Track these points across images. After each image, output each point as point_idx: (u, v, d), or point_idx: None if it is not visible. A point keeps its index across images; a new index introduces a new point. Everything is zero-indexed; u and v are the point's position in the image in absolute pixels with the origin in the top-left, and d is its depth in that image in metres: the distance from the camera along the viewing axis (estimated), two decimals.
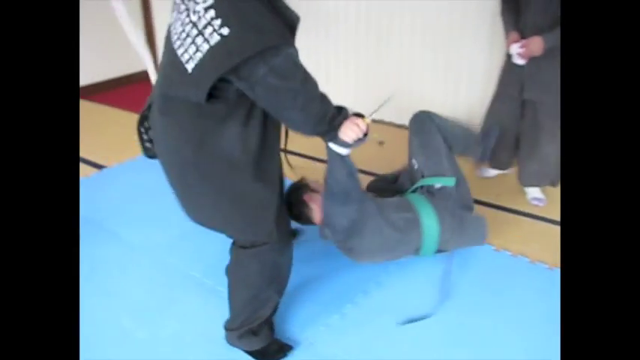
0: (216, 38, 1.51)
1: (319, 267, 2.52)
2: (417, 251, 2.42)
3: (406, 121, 2.59)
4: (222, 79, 1.56)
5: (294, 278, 2.39)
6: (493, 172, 3.41)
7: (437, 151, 2.54)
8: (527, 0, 2.79)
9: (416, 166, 2.58)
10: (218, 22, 1.51)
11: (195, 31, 1.56)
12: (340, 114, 1.83)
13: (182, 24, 1.62)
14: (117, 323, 2.18)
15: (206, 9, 1.54)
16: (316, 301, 2.31)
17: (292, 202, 2.33)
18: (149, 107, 1.89)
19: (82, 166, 3.57)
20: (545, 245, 2.68)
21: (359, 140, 1.88)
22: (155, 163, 1.93)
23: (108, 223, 2.86)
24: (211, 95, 1.59)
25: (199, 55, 1.55)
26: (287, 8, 1.65)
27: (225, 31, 1.50)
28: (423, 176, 2.55)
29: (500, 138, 3.09)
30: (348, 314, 2.23)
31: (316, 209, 2.34)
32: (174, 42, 1.65)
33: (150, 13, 5.36)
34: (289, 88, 1.60)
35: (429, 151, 2.55)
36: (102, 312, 2.24)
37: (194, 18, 1.57)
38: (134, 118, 2.00)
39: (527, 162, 3.07)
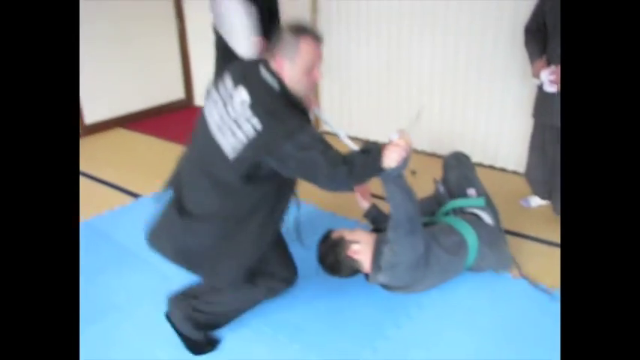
0: (251, 132, 1.94)
1: (348, 298, 2.52)
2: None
3: (436, 149, 2.65)
4: (256, 163, 1.97)
5: (323, 311, 2.41)
6: (536, 203, 3.36)
7: (471, 181, 2.73)
8: (555, 29, 2.78)
9: (441, 190, 2.76)
10: (253, 118, 1.94)
11: (234, 126, 1.98)
12: (372, 151, 2.03)
13: (221, 117, 2.03)
14: (151, 355, 2.21)
15: (243, 108, 1.97)
16: (347, 334, 2.30)
17: (335, 261, 2.39)
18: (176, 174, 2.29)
19: (119, 195, 3.65)
20: None
21: (405, 160, 2.05)
22: None
23: (144, 253, 2.91)
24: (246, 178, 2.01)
25: (238, 144, 1.96)
26: (299, 100, 2.08)
27: (257, 124, 1.94)
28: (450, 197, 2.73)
29: (543, 167, 3.09)
30: (380, 349, 2.21)
31: (364, 259, 2.38)
32: (214, 131, 2.04)
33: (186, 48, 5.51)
34: (311, 156, 1.94)
35: (466, 181, 2.73)
36: (136, 343, 2.27)
37: (233, 114, 1.99)
38: (171, 147, 2.10)
39: (559, 190, 3.04)
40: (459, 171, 2.77)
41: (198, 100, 5.72)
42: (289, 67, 2.02)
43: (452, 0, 3.78)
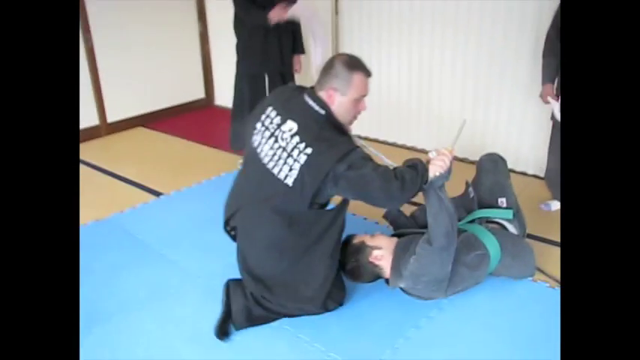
0: (303, 158, 2.07)
1: (369, 299, 2.52)
2: None
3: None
4: (317, 189, 2.09)
5: (344, 311, 2.42)
6: (556, 207, 3.34)
7: (504, 190, 2.72)
8: None
9: (472, 195, 2.71)
10: (302, 145, 2.08)
11: (285, 154, 2.12)
12: (417, 166, 2.15)
13: (272, 148, 2.17)
14: (173, 349, 2.24)
15: (292, 136, 2.12)
16: (368, 334, 2.31)
17: (357, 266, 2.43)
18: (232, 214, 2.41)
19: (141, 193, 3.70)
20: None
21: (449, 171, 2.15)
22: (210, 192, 2.00)
23: (165, 250, 2.95)
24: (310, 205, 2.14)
25: (294, 172, 2.09)
26: (341, 124, 2.22)
27: (309, 150, 2.07)
28: (479, 206, 2.69)
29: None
30: (401, 349, 2.22)
31: (386, 265, 2.41)
32: (267, 163, 2.18)
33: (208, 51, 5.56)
34: (364, 174, 2.05)
35: (498, 188, 2.71)
36: (158, 338, 2.30)
37: (282, 143, 2.13)
38: (191, 145, 2.13)
39: None
40: (494, 177, 2.72)
41: (218, 99, 5.76)
42: (339, 98, 2.18)
43: (473, 1, 3.77)
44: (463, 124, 2.11)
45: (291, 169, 2.10)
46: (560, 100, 2.91)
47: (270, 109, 2.26)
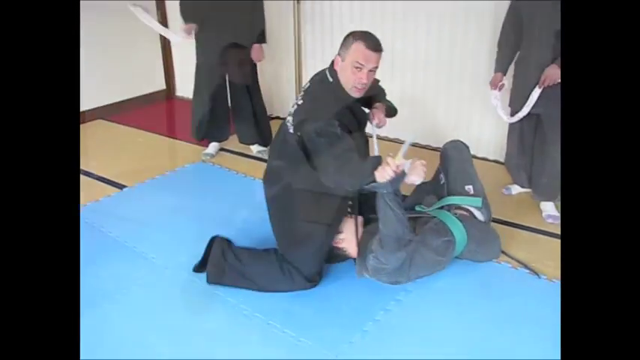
0: (296, 106, 2.41)
1: (337, 283, 2.56)
2: None
3: (419, 139, 2.71)
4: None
5: (313, 296, 2.44)
6: (516, 191, 3.43)
7: (470, 177, 2.78)
8: (532, 36, 2.86)
9: (442, 182, 2.79)
10: (300, 97, 2.44)
11: (292, 110, 2.44)
12: (369, 161, 2.21)
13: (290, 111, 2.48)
14: (143, 340, 2.22)
15: (300, 97, 2.45)
16: (337, 319, 2.34)
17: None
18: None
19: (104, 186, 3.63)
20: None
21: (395, 180, 2.13)
22: (174, 184, 1.96)
23: (131, 242, 2.92)
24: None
25: (291, 118, 2.41)
26: (347, 94, 2.40)
27: (300, 102, 2.42)
28: (448, 193, 2.76)
29: (522, 155, 3.16)
30: (370, 332, 2.25)
31: (348, 247, 2.52)
32: (287, 119, 2.47)
33: None
34: (322, 143, 2.23)
35: (465, 176, 2.77)
36: (127, 330, 2.28)
37: (297, 101, 2.46)
38: (154, 137, 2.09)
39: (538, 176, 3.11)
40: (459, 164, 2.78)
41: (180, 90, 5.68)
42: (341, 64, 2.38)
43: None
44: (411, 139, 2.12)
45: (291, 117, 2.42)
46: (499, 90, 3.13)
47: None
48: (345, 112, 2.40)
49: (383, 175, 2.10)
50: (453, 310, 2.38)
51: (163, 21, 5.33)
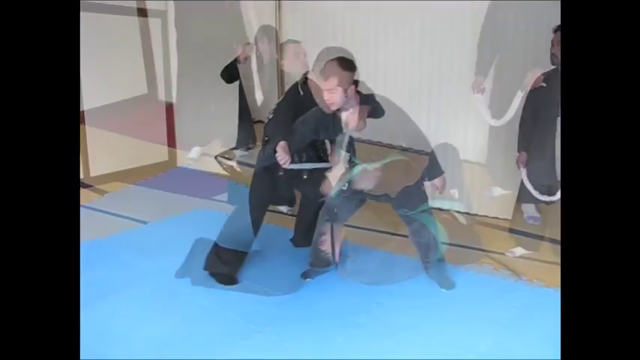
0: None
1: (319, 287, 2.58)
2: None
3: (401, 143, 2.75)
4: None
5: (296, 300, 2.46)
6: (498, 192, 3.45)
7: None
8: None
9: (424, 185, 2.74)
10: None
11: None
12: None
13: None
14: (124, 346, 2.19)
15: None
16: (320, 322, 2.34)
17: None
18: None
19: (85, 192, 3.59)
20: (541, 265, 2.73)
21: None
22: (156, 189, 1.94)
23: (112, 249, 2.89)
24: None
25: None
26: (312, 99, 2.59)
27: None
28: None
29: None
30: (353, 335, 2.25)
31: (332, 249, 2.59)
32: None
33: None
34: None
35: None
36: (107, 336, 2.24)
37: None
38: (136, 143, 2.08)
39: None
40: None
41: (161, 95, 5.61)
42: (315, 77, 2.59)
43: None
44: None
45: None
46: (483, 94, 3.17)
47: None
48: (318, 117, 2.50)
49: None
50: (434, 311, 2.39)
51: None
